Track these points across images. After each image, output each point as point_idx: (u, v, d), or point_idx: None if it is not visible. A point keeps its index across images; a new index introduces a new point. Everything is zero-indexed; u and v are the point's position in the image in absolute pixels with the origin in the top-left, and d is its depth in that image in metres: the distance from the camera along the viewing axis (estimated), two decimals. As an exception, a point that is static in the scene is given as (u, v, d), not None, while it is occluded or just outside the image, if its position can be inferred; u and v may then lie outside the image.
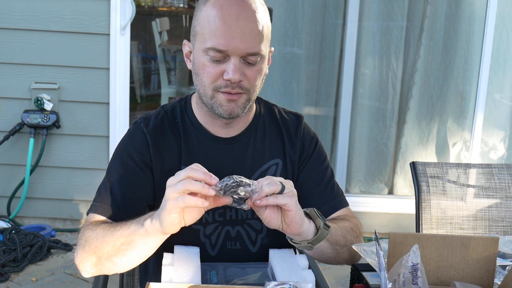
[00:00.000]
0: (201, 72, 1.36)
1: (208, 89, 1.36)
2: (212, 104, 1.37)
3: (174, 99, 1.98)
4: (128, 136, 1.48)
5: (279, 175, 1.49)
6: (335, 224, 1.41)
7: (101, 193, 1.43)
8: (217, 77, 1.34)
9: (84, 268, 1.33)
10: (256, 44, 1.33)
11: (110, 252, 1.27)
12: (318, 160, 1.54)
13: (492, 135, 3.87)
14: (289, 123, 1.54)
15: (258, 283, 1.28)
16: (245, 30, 1.30)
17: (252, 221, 1.47)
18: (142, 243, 1.24)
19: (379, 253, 1.16)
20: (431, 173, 1.92)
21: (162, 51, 5.66)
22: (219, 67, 1.33)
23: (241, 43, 1.30)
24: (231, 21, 1.30)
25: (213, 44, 1.31)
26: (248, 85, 1.35)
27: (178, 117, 1.48)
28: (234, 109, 1.36)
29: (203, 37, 1.33)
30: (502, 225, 1.94)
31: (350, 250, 1.43)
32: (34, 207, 3.61)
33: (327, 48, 3.74)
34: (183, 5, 6.69)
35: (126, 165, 1.43)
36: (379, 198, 3.83)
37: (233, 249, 1.47)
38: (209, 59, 1.33)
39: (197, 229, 1.44)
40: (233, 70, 1.31)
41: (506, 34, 3.74)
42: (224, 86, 1.34)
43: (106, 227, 1.30)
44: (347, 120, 3.74)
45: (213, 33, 1.31)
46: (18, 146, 3.53)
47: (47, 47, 3.43)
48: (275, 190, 1.19)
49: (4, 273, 3.05)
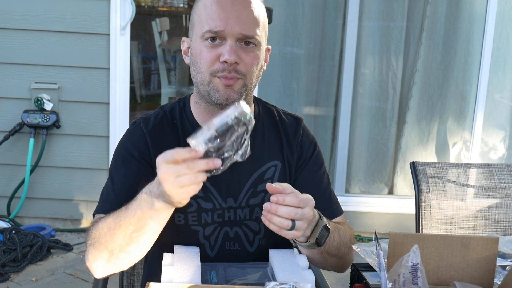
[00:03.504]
0: (198, 60, 1.38)
1: (205, 75, 1.37)
2: (209, 91, 1.38)
3: (174, 99, 1.99)
4: (127, 135, 1.48)
5: (278, 177, 1.48)
6: (337, 233, 1.41)
7: (105, 194, 1.42)
8: (213, 61, 1.35)
9: (97, 268, 1.31)
10: (252, 27, 1.36)
11: (122, 243, 1.25)
12: (316, 165, 1.54)
13: (492, 135, 3.87)
14: (288, 125, 1.54)
15: (258, 283, 1.28)
16: (241, 14, 1.35)
17: (250, 222, 1.47)
18: (155, 223, 1.23)
19: (379, 253, 1.16)
20: (431, 173, 1.92)
21: (162, 51, 5.66)
22: (215, 51, 1.35)
23: (237, 24, 1.34)
24: (227, 5, 1.35)
25: (209, 26, 1.34)
26: (245, 69, 1.36)
27: (177, 117, 1.48)
28: (230, 94, 1.36)
29: (201, 24, 1.36)
30: (502, 225, 1.94)
31: (339, 261, 1.44)
32: (34, 207, 3.61)
33: (327, 48, 3.74)
34: (183, 5, 6.68)
35: (127, 162, 1.43)
36: (379, 198, 3.83)
37: (231, 249, 1.46)
38: (206, 44, 1.35)
39: (196, 230, 1.44)
40: (228, 51, 1.33)
41: (506, 34, 3.74)
42: (221, 70, 1.35)
43: (108, 220, 1.28)
44: (347, 120, 3.74)
45: (210, 17, 1.35)
46: (18, 146, 3.53)
47: (47, 47, 3.43)
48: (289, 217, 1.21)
49: (4, 273, 3.05)
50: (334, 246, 1.38)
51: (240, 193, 1.45)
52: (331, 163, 3.84)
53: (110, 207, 1.37)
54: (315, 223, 1.29)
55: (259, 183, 1.46)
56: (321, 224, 1.30)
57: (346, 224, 1.53)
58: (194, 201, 1.42)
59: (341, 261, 1.45)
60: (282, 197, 1.19)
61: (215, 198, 1.44)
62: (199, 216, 1.43)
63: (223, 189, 1.44)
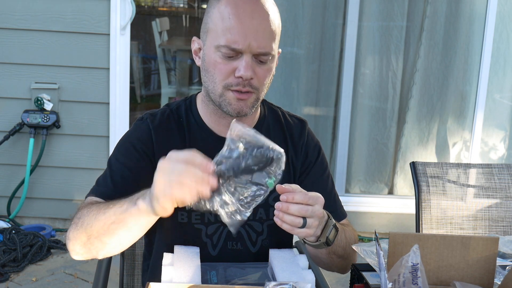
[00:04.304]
0: (212, 69, 1.36)
1: (218, 86, 1.36)
2: (220, 102, 1.37)
3: (174, 99, 1.99)
4: (133, 129, 1.47)
5: (280, 178, 1.48)
6: (343, 234, 1.42)
7: (101, 179, 1.41)
8: (228, 75, 1.34)
9: (74, 247, 1.28)
10: (269, 43, 1.34)
11: (100, 231, 1.22)
12: (321, 169, 1.55)
13: (492, 135, 3.87)
14: (293, 128, 1.54)
15: (258, 283, 1.28)
16: (259, 29, 1.32)
17: (253, 222, 1.47)
18: (134, 223, 1.19)
19: (379, 253, 1.16)
20: (431, 173, 1.92)
21: (162, 51, 5.66)
22: (230, 64, 1.33)
23: (255, 41, 1.31)
24: (245, 19, 1.31)
25: (226, 41, 1.31)
26: (258, 84, 1.36)
27: (183, 116, 1.48)
28: (242, 108, 1.37)
29: (216, 34, 1.33)
30: (502, 225, 1.94)
31: (344, 262, 1.45)
32: (34, 207, 3.61)
33: (327, 48, 3.74)
34: (183, 5, 6.69)
35: (128, 153, 1.41)
36: (379, 198, 3.83)
37: (234, 249, 1.47)
38: (221, 55, 1.33)
39: (199, 228, 1.44)
40: (245, 67, 1.31)
41: (506, 34, 3.74)
42: (236, 84, 1.34)
43: (101, 205, 1.26)
44: (347, 120, 3.74)
45: (227, 30, 1.31)
46: (18, 146, 3.53)
47: (47, 47, 3.43)
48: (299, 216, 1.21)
49: (4, 273, 3.05)
50: (341, 246, 1.39)
51: None
52: (331, 163, 3.84)
53: (104, 190, 1.36)
54: (325, 222, 1.30)
55: None
56: (331, 223, 1.31)
57: (350, 226, 1.55)
58: None
59: (346, 262, 1.46)
60: (292, 195, 1.21)
61: None
62: (202, 214, 1.43)
63: None
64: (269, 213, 1.47)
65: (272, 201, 1.44)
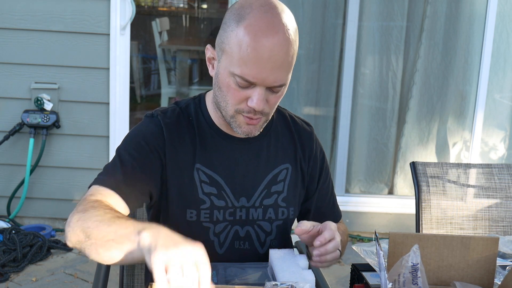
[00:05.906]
0: (226, 90, 1.34)
1: (230, 109, 1.36)
2: (231, 122, 1.38)
3: (175, 99, 1.99)
4: (145, 124, 1.45)
5: (289, 179, 1.51)
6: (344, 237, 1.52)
7: (110, 169, 1.37)
8: (241, 101, 1.33)
9: (71, 237, 1.22)
10: (285, 76, 1.32)
11: (98, 242, 1.17)
12: (327, 175, 1.60)
13: (492, 135, 3.87)
14: (301, 131, 1.56)
15: (258, 283, 1.28)
16: (276, 64, 1.28)
17: (262, 222, 1.48)
18: (129, 251, 1.11)
19: (379, 253, 1.16)
20: (431, 173, 1.93)
21: (162, 51, 5.66)
22: (244, 92, 1.32)
23: (271, 75, 1.29)
24: (263, 53, 1.26)
25: (242, 73, 1.28)
26: (269, 110, 1.36)
27: (193, 115, 1.47)
28: (252, 131, 1.38)
29: (231, 60, 1.29)
30: (502, 225, 1.94)
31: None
32: (34, 207, 3.61)
33: (327, 48, 3.74)
34: (183, 5, 6.69)
35: (139, 147, 1.39)
36: (379, 198, 3.83)
37: (241, 248, 1.47)
38: (235, 82, 1.31)
39: (207, 227, 1.44)
40: (257, 99, 1.30)
41: (506, 34, 3.74)
42: (247, 111, 1.34)
43: (107, 212, 1.21)
44: (347, 120, 3.74)
45: (244, 62, 1.27)
46: (18, 146, 3.53)
47: (47, 47, 3.43)
48: None
49: (4, 273, 3.05)
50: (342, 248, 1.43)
51: (254, 193, 1.47)
52: (331, 163, 3.84)
53: (113, 181, 1.33)
54: None
55: (273, 184, 1.48)
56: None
57: (342, 223, 1.64)
58: (208, 198, 1.43)
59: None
60: (323, 238, 1.28)
61: (228, 197, 1.45)
62: (211, 213, 1.44)
63: (236, 188, 1.45)
64: (278, 213, 1.49)
65: (281, 202, 1.49)
